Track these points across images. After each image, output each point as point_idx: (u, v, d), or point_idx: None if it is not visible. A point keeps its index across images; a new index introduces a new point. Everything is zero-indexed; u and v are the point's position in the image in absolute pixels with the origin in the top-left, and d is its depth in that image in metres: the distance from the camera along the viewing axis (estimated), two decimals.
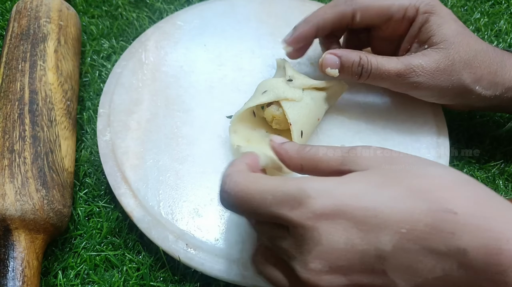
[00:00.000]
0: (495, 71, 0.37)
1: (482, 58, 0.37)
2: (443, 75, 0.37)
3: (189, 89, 0.43)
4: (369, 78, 0.38)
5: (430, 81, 0.37)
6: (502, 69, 0.37)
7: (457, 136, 0.44)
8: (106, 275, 0.36)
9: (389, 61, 0.37)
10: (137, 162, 0.39)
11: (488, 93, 0.38)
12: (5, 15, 0.51)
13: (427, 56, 0.37)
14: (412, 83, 0.37)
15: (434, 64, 0.36)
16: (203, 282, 0.36)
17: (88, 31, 0.50)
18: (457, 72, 0.37)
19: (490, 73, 0.37)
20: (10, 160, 0.35)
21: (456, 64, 0.36)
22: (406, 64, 0.37)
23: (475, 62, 0.37)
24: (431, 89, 0.37)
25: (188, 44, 0.46)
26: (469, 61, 0.37)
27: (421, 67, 0.37)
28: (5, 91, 0.39)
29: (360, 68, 0.37)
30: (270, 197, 0.25)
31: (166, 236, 0.36)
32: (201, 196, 0.37)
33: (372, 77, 0.37)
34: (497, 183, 0.42)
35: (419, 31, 0.37)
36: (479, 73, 0.37)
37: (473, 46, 0.37)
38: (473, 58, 0.37)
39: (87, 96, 0.46)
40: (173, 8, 0.53)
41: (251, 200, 0.26)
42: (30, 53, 0.41)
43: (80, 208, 0.39)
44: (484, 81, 0.37)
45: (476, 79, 0.37)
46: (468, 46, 0.37)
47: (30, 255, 0.33)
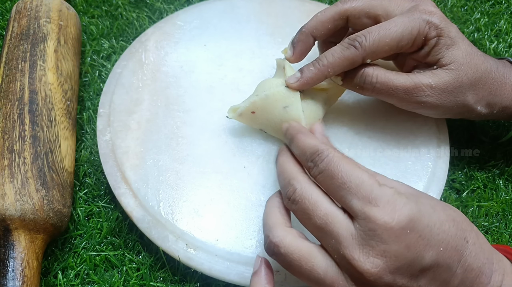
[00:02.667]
0: (495, 91, 0.37)
1: (485, 79, 0.37)
2: (450, 96, 0.37)
3: (189, 89, 0.43)
4: (375, 92, 0.37)
5: (437, 101, 0.37)
6: (501, 88, 0.38)
7: (457, 136, 0.44)
8: (106, 275, 0.36)
9: (398, 77, 0.37)
10: (137, 162, 0.39)
11: (486, 111, 0.38)
12: (5, 15, 0.51)
13: (437, 76, 0.36)
14: (420, 102, 0.37)
15: (443, 85, 0.36)
16: (203, 282, 0.36)
17: (88, 31, 0.50)
18: (463, 93, 0.37)
19: (491, 93, 0.37)
20: (10, 160, 0.35)
21: (463, 86, 0.36)
22: (416, 82, 0.36)
23: (479, 84, 0.37)
24: (436, 108, 0.37)
25: (188, 44, 0.46)
26: (475, 82, 0.37)
27: (430, 87, 0.36)
28: (5, 91, 0.39)
29: (363, 79, 0.36)
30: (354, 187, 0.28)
31: (166, 236, 0.36)
32: (201, 196, 0.37)
33: (377, 91, 0.37)
34: (497, 183, 0.42)
35: (429, 54, 0.37)
36: (481, 94, 0.37)
37: (480, 67, 0.37)
38: (479, 79, 0.37)
39: (87, 96, 0.46)
40: (173, 8, 0.53)
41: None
42: (30, 53, 0.41)
43: (80, 208, 0.39)
44: (483, 101, 0.38)
45: (478, 99, 0.37)
46: (476, 67, 0.37)
47: (30, 255, 0.33)
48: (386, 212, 0.26)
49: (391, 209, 0.26)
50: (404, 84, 0.36)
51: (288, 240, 0.28)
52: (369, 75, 0.36)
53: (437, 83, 0.36)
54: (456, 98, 0.37)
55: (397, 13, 0.37)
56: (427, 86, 0.36)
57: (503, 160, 0.43)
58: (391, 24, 0.36)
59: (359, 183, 0.27)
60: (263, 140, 0.40)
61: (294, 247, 0.28)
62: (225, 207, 0.37)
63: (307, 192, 0.29)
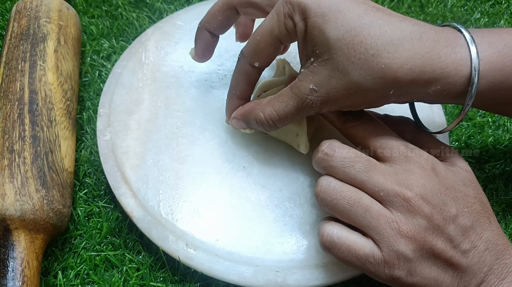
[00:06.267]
0: (422, 64, 0.28)
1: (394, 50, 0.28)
2: (347, 90, 0.29)
3: (189, 89, 0.43)
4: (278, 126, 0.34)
5: (341, 103, 0.30)
6: (431, 60, 0.29)
7: (457, 136, 0.44)
8: (106, 275, 0.36)
9: (283, 101, 0.32)
10: (137, 162, 0.39)
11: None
12: (5, 15, 0.51)
13: (315, 74, 0.30)
14: (325, 114, 0.34)
15: (325, 83, 0.29)
16: (203, 282, 0.36)
17: (88, 31, 0.50)
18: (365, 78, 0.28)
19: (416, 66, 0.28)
20: (10, 160, 0.35)
21: (350, 72, 0.28)
22: (298, 95, 0.31)
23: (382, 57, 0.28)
24: (351, 106, 0.31)
25: (188, 44, 0.46)
26: (368, 61, 0.28)
27: (315, 93, 0.30)
28: (5, 91, 0.39)
29: (263, 126, 0.34)
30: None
31: (166, 236, 0.36)
32: (201, 196, 0.37)
33: (279, 125, 0.34)
34: (497, 183, 0.42)
35: (304, 46, 0.30)
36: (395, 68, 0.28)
37: (370, 41, 0.28)
38: (373, 57, 0.28)
39: (87, 96, 0.46)
40: (173, 8, 0.53)
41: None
42: (30, 53, 0.41)
43: (80, 208, 0.39)
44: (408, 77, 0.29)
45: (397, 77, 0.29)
46: (362, 45, 0.28)
47: (30, 255, 0.33)
48: (423, 157, 0.31)
49: (426, 158, 0.31)
50: (292, 106, 0.31)
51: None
52: (262, 120, 0.34)
53: (317, 83, 0.30)
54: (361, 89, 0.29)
55: None
56: (310, 94, 0.30)
57: (503, 160, 0.43)
58: (265, 19, 0.32)
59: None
60: (263, 141, 0.40)
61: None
62: (225, 207, 0.37)
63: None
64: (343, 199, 0.30)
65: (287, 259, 0.35)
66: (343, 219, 0.30)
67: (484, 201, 0.31)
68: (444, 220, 0.29)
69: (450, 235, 0.29)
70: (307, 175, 0.38)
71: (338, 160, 0.30)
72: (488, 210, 0.31)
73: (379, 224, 0.29)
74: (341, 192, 0.30)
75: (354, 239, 0.30)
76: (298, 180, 0.38)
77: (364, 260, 0.29)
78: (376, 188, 0.29)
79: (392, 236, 0.28)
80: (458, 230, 0.29)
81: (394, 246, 0.28)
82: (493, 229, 0.30)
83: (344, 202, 0.30)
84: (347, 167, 0.30)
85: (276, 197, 0.38)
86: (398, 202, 0.29)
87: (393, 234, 0.28)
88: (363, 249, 0.29)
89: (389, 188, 0.29)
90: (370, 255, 0.29)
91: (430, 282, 0.29)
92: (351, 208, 0.29)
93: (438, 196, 0.29)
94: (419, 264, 0.28)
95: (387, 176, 0.30)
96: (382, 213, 0.29)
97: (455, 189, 0.30)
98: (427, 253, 0.28)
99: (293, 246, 0.35)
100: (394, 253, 0.28)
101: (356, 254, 0.29)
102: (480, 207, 0.30)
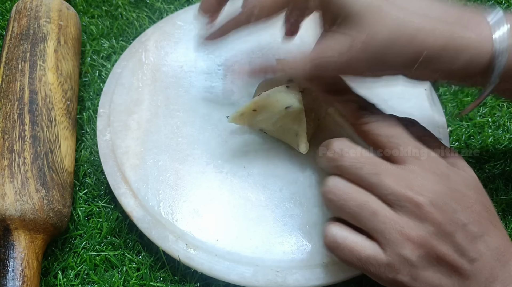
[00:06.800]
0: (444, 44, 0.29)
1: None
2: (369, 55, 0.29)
3: (189, 89, 0.43)
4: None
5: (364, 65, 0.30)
6: (461, 27, 0.29)
7: (457, 136, 0.44)
8: (106, 275, 0.36)
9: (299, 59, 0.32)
10: (137, 162, 0.39)
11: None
12: (5, 15, 0.51)
13: (335, 39, 0.29)
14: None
15: (346, 49, 0.29)
16: (203, 282, 0.36)
17: (88, 31, 0.50)
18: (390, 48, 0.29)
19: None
20: (9, 160, 0.35)
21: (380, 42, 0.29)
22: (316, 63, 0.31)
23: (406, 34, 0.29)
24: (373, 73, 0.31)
25: (188, 44, 0.46)
26: (400, 25, 0.29)
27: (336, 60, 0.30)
28: (5, 91, 0.39)
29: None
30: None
31: (166, 236, 0.36)
32: (201, 196, 0.37)
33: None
34: (497, 183, 0.42)
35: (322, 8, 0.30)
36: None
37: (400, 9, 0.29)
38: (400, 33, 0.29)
39: (87, 96, 0.46)
40: (173, 8, 0.53)
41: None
42: (30, 53, 0.41)
43: (80, 208, 0.39)
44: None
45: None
46: (392, 11, 0.28)
47: (30, 255, 0.33)
48: (435, 161, 0.30)
49: (438, 162, 0.30)
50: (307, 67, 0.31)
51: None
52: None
53: (340, 51, 0.29)
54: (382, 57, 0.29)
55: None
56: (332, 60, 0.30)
57: (503, 160, 0.43)
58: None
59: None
60: (263, 141, 0.40)
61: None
62: (225, 207, 0.37)
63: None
64: (350, 201, 0.29)
65: (287, 259, 0.35)
66: (349, 220, 0.30)
67: (490, 207, 0.31)
68: (453, 227, 0.28)
69: (459, 242, 0.28)
70: (307, 175, 0.38)
71: (348, 160, 0.30)
72: (495, 216, 0.30)
73: (386, 227, 0.28)
74: (348, 193, 0.29)
75: (357, 240, 0.29)
76: (298, 180, 0.38)
77: (365, 262, 0.29)
78: (386, 191, 0.29)
79: (399, 241, 0.28)
80: (466, 238, 0.28)
81: (399, 251, 0.28)
82: (499, 235, 0.30)
83: (351, 203, 0.29)
84: (357, 168, 0.30)
85: (276, 197, 0.38)
86: (408, 207, 0.28)
87: (400, 239, 0.28)
88: (365, 251, 0.29)
89: (400, 192, 0.29)
90: (373, 257, 0.29)
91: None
92: (358, 210, 0.29)
93: (449, 203, 0.29)
94: (423, 270, 0.28)
95: (398, 180, 0.29)
96: (390, 217, 0.28)
97: (464, 195, 0.29)
98: (433, 259, 0.28)
99: (293, 246, 0.35)
100: (399, 258, 0.28)
101: (358, 255, 0.29)
102: (488, 214, 0.30)
